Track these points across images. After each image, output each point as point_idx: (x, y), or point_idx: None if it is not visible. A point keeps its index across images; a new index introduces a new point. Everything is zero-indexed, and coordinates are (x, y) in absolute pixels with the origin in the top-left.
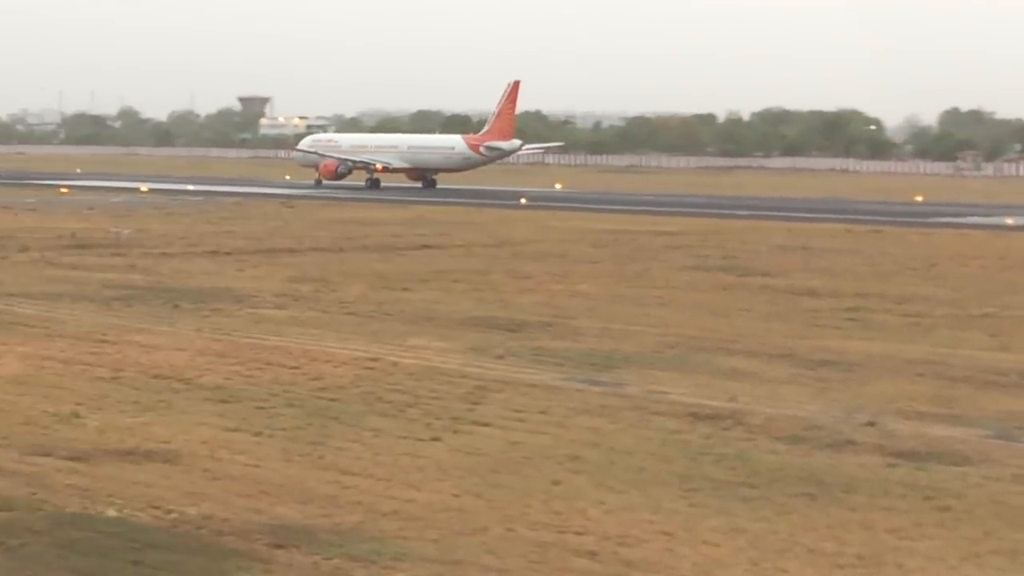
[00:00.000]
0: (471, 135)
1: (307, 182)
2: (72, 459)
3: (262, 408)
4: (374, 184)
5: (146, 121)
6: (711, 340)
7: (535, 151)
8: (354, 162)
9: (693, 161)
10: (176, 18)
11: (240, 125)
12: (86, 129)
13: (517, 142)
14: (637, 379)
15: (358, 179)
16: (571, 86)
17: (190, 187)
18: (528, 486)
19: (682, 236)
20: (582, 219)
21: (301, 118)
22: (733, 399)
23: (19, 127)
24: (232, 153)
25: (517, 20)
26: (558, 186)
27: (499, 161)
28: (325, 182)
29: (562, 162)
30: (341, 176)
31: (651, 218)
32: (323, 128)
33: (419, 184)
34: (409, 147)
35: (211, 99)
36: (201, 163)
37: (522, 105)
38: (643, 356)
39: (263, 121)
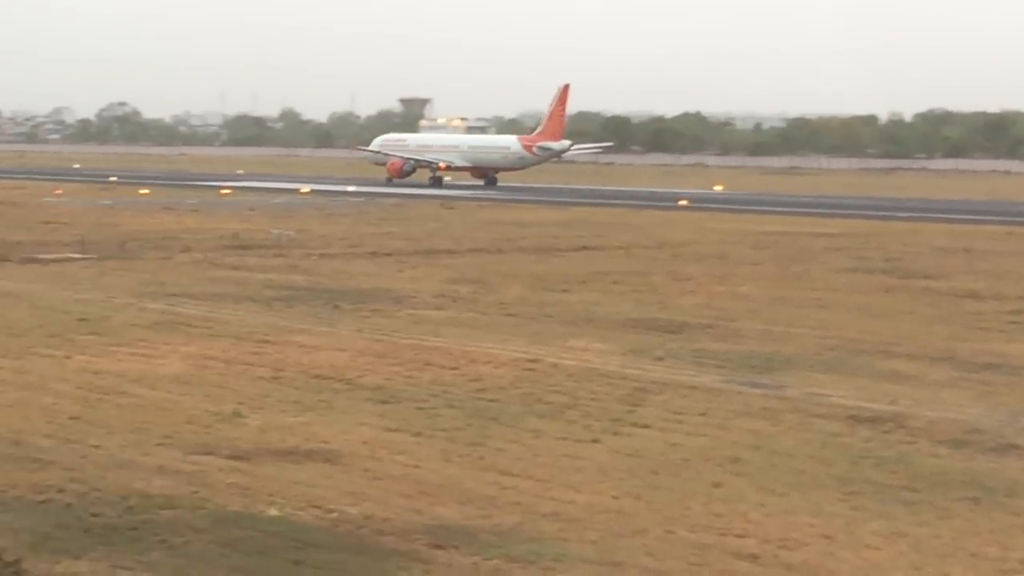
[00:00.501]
0: (525, 136)
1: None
2: (234, 458)
3: (422, 409)
4: (436, 182)
5: (307, 122)
6: (872, 342)
7: (586, 151)
8: (417, 161)
9: (854, 162)
10: (338, 20)
11: (400, 126)
12: (248, 131)
13: (567, 142)
14: (798, 381)
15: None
16: (731, 87)
17: (350, 188)
18: (688, 488)
19: (843, 238)
20: (742, 221)
21: (461, 119)
22: (894, 402)
23: (182, 128)
24: None
25: (678, 22)
26: (718, 188)
27: (552, 159)
28: (395, 180)
29: (722, 164)
30: (406, 174)
31: (812, 220)
32: (483, 130)
33: (481, 182)
34: (469, 147)
35: (371, 100)
36: (361, 164)
37: (681, 106)
38: (804, 358)
39: (423, 122)
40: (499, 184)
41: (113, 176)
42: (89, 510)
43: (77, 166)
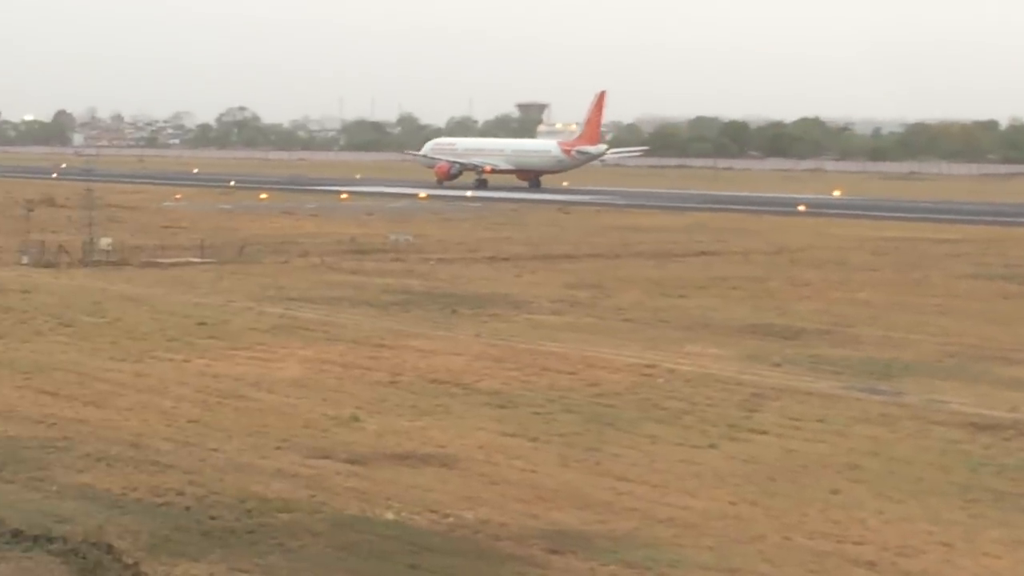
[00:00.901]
0: (565, 140)
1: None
2: (351, 462)
3: (539, 414)
4: (481, 184)
5: (425, 127)
6: (992, 349)
7: (621, 155)
8: (463, 164)
9: (974, 168)
10: (456, 24)
11: (518, 131)
12: (366, 135)
13: (603, 147)
14: (916, 388)
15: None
16: (850, 91)
17: (468, 193)
18: (805, 495)
19: (963, 244)
20: (861, 226)
21: (578, 124)
22: (1015, 409)
23: (301, 133)
24: None
25: (797, 25)
26: (836, 193)
27: (590, 163)
28: (444, 182)
29: (841, 169)
30: (453, 177)
31: (932, 225)
32: (602, 136)
33: (526, 184)
34: (513, 151)
35: (489, 105)
36: None
37: (800, 111)
38: (923, 365)
39: (540, 128)
40: (542, 187)
41: (232, 180)
42: (208, 513)
43: (196, 171)
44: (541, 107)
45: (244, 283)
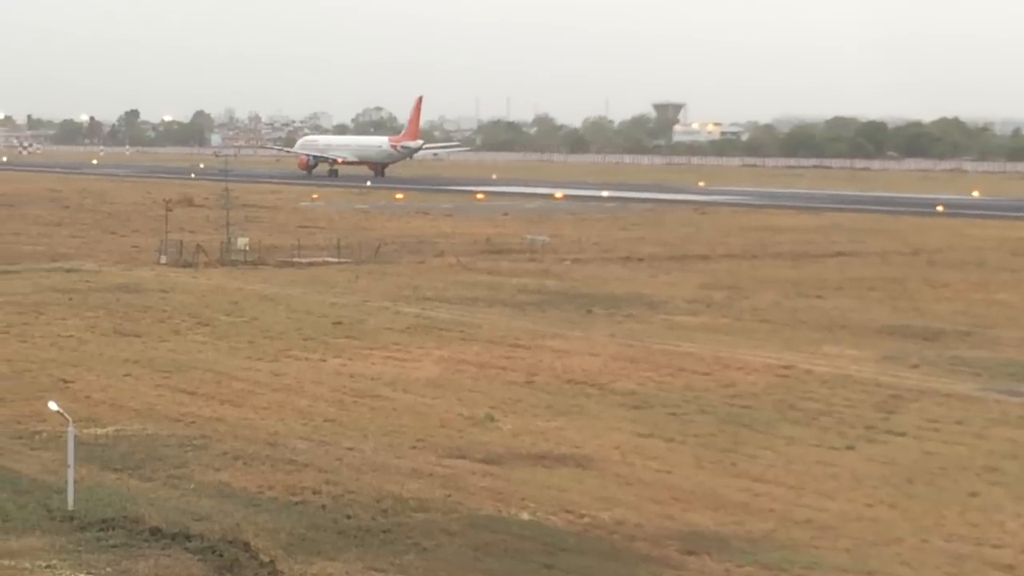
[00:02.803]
0: (394, 137)
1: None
2: (486, 462)
3: (674, 414)
4: (334, 173)
5: (560, 127)
6: None
7: (435, 149)
8: (318, 157)
9: None
10: (592, 24)
11: (654, 131)
12: (502, 135)
13: (420, 142)
14: None
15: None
16: (991, 91)
17: (604, 193)
18: (943, 497)
19: None
20: (1002, 227)
21: (714, 124)
22: None
23: (436, 133)
24: (645, 159)
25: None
26: (975, 193)
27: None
28: (301, 171)
29: (980, 169)
30: (311, 168)
31: None
32: (737, 135)
33: (373, 173)
34: (357, 146)
35: (625, 105)
36: (614, 169)
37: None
38: None
39: (676, 127)
40: (385, 175)
41: (368, 181)
42: (343, 512)
43: None
44: (677, 107)
45: (380, 283)
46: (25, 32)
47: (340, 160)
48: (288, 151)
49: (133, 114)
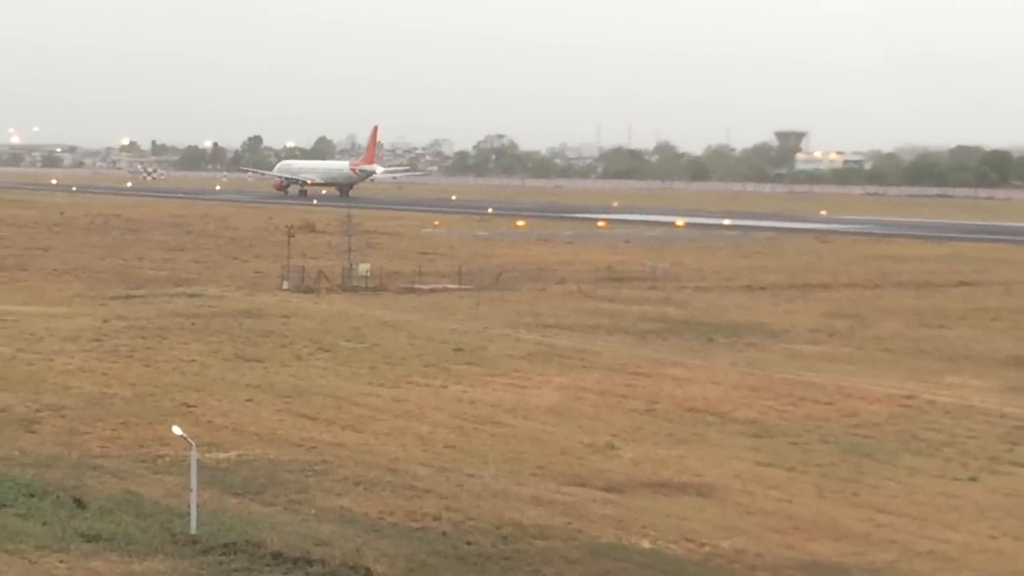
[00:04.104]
0: (354, 161)
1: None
2: (607, 490)
3: (796, 443)
4: (303, 194)
5: (682, 156)
6: None
7: (393, 173)
8: (290, 179)
9: None
10: (713, 51)
11: (776, 160)
12: (623, 163)
13: (377, 167)
14: None
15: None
16: None
17: (725, 221)
18: None
19: None
20: None
21: (837, 153)
22: None
23: (558, 161)
24: (767, 188)
25: None
26: None
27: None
28: (277, 192)
29: None
30: (284, 188)
31: None
32: (860, 164)
33: (339, 193)
34: (323, 170)
35: (747, 133)
36: (736, 197)
37: None
38: None
39: (799, 156)
40: (351, 195)
41: (490, 208)
42: (464, 538)
43: (454, 197)
44: (799, 135)
45: (501, 310)
46: (150, 59)
47: (309, 182)
48: (265, 173)
49: (256, 140)
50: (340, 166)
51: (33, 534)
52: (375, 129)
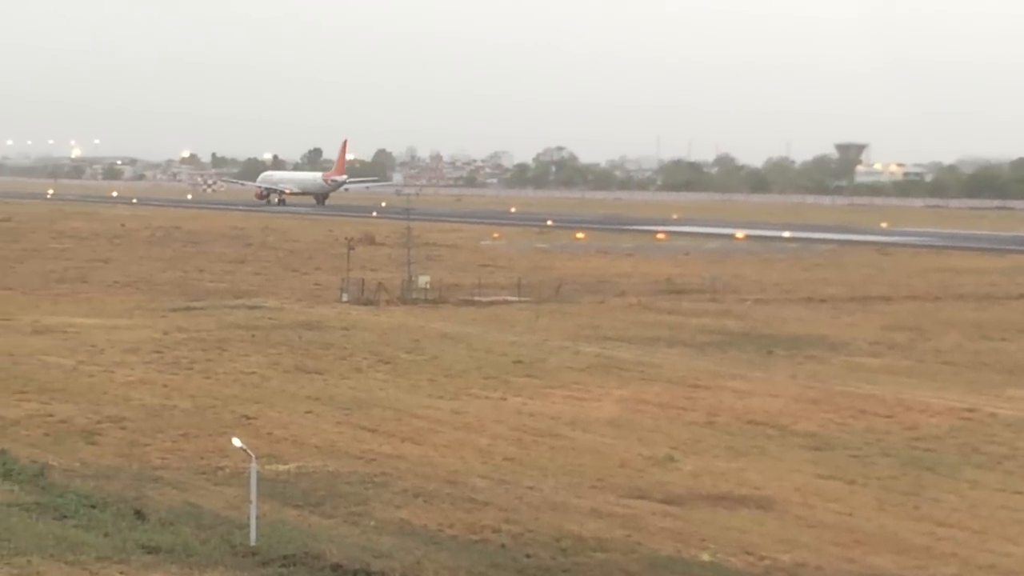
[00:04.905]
0: (326, 172)
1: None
2: (666, 502)
3: (856, 456)
4: (282, 202)
5: (741, 168)
6: None
7: (364, 183)
8: (270, 189)
9: None
10: (773, 63)
11: (836, 172)
12: (683, 175)
13: (344, 177)
14: None
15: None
16: None
17: (785, 234)
18: None
19: None
20: None
21: (897, 165)
22: None
23: (617, 173)
24: (827, 200)
25: None
26: None
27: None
28: (258, 200)
29: None
30: (264, 197)
31: None
32: (920, 176)
33: (315, 201)
34: (299, 180)
35: (807, 145)
36: (796, 209)
37: None
38: None
39: (859, 168)
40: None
41: (549, 220)
42: (523, 551)
43: (513, 210)
44: (860, 147)
45: (560, 322)
46: (211, 71)
47: (287, 191)
48: (245, 183)
49: (316, 152)
50: (314, 177)
51: (94, 545)
52: (344, 143)
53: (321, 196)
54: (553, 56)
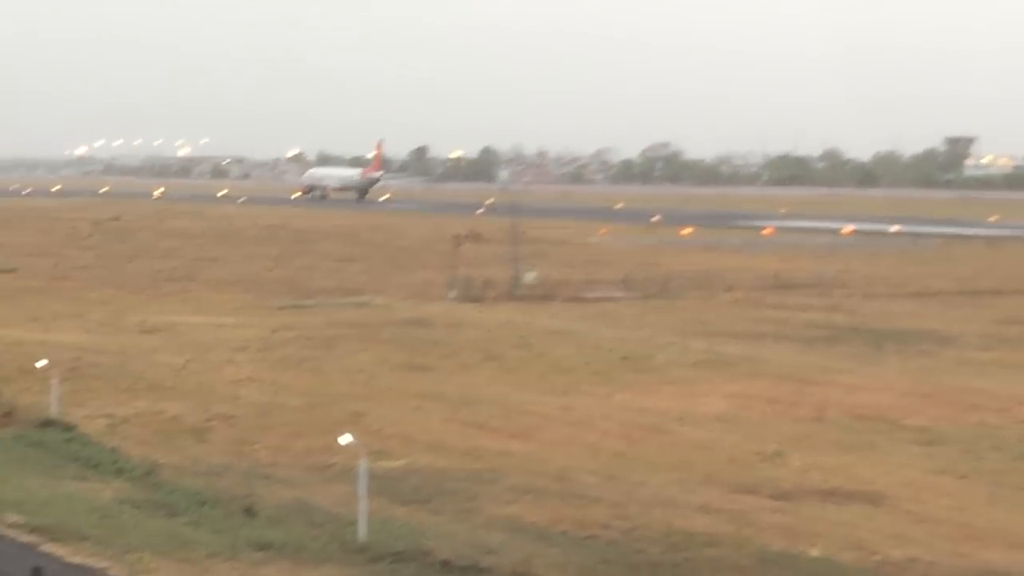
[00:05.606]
0: (365, 168)
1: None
2: (775, 498)
3: (967, 451)
4: (324, 197)
5: (848, 162)
6: None
7: (399, 180)
8: (312, 185)
9: None
10: (881, 56)
11: (944, 165)
12: (789, 170)
13: (380, 173)
14: None
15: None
16: None
17: (893, 228)
18: None
19: None
20: None
21: (1008, 158)
22: None
23: (723, 168)
24: (935, 194)
25: None
26: None
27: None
28: (303, 196)
29: None
30: (308, 192)
31: None
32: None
33: (356, 197)
34: (340, 177)
35: (916, 139)
36: (904, 204)
37: None
38: None
39: (968, 162)
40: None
41: (656, 216)
42: (633, 547)
43: (620, 206)
44: (969, 141)
45: (668, 318)
46: (314, 71)
47: (330, 187)
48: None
49: (422, 150)
50: (354, 173)
51: (204, 542)
52: (380, 142)
53: (362, 191)
54: (657, 52)
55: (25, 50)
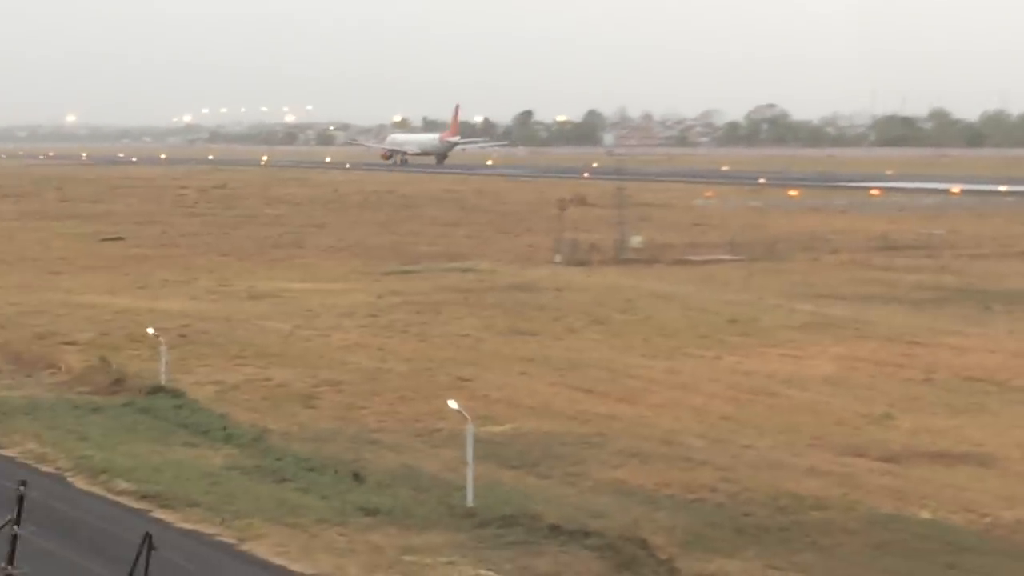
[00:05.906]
0: (443, 133)
1: None
2: (884, 460)
3: None
4: (404, 162)
5: (956, 122)
6: None
7: (478, 144)
8: (393, 150)
9: None
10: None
11: None
12: (896, 131)
13: (458, 138)
14: None
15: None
16: None
17: (1002, 188)
18: None
19: None
20: None
21: None
22: None
23: (829, 130)
24: None
25: None
26: None
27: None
28: (386, 160)
29: None
30: (389, 158)
31: None
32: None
33: (434, 161)
34: (418, 141)
35: None
36: (1013, 164)
37: None
38: None
39: None
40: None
41: (761, 178)
42: (741, 510)
43: (725, 168)
44: None
45: (774, 280)
46: (420, 36)
47: (409, 152)
48: (371, 146)
49: (527, 114)
50: (431, 138)
51: (313, 508)
52: (457, 107)
53: (440, 156)
54: (760, 12)
55: (131, 23)
